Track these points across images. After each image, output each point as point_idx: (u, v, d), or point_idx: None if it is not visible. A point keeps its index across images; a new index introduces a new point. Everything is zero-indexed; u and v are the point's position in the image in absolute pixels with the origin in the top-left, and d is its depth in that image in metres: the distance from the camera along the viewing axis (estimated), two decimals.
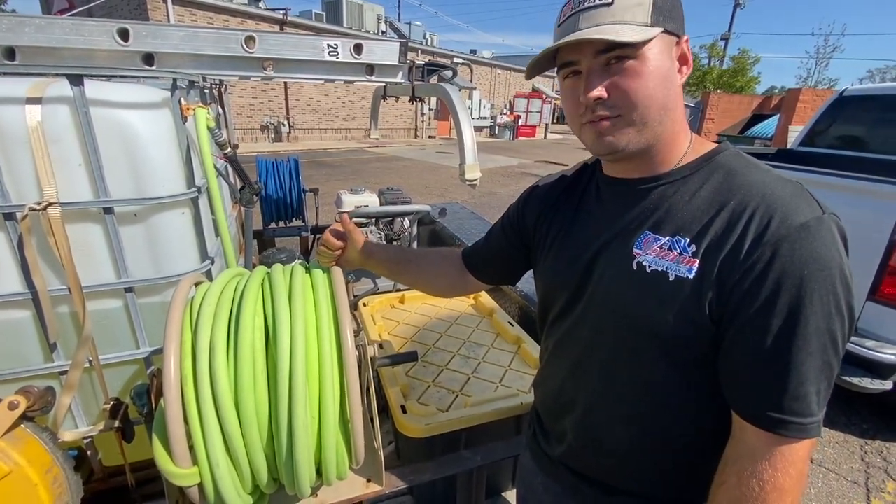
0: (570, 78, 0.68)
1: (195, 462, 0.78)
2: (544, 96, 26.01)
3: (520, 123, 23.98)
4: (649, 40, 0.61)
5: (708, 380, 0.65)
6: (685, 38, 0.66)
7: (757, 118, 14.95)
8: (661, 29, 0.62)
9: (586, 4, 0.63)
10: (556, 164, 14.30)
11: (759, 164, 0.66)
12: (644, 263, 0.66)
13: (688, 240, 0.63)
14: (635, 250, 0.68)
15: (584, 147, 0.74)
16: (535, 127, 25.08)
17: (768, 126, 13.14)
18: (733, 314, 0.59)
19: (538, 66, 0.70)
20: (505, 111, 25.88)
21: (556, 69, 0.71)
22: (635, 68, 0.62)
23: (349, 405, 0.84)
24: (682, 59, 0.67)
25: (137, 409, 1.01)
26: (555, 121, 33.11)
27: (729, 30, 24.32)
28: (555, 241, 0.83)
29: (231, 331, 0.82)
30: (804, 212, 0.57)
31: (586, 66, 0.64)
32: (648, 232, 0.67)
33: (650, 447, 0.72)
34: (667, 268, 0.63)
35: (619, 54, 0.62)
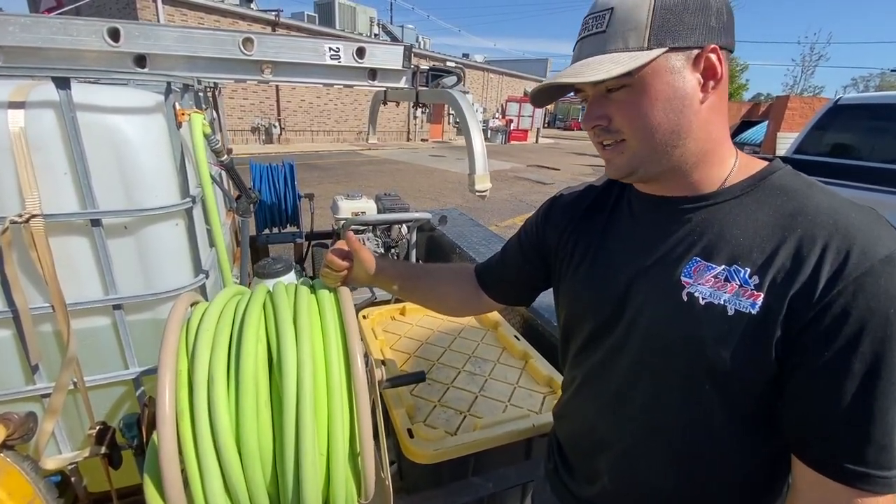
0: (585, 102, 0.66)
1: None
2: None
3: (512, 127, 24.04)
4: (644, 65, 0.56)
5: (764, 418, 0.60)
6: (710, 46, 0.57)
7: (745, 125, 15.15)
8: (664, 49, 0.56)
9: (586, 33, 0.61)
10: (548, 168, 14.34)
11: (820, 186, 0.60)
12: (696, 295, 0.60)
13: (748, 270, 0.57)
14: (684, 279, 0.61)
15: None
16: (526, 131, 25.16)
17: (757, 133, 13.31)
18: (807, 355, 0.53)
19: (548, 95, 0.68)
20: (497, 115, 25.94)
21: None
22: (633, 97, 0.59)
23: (360, 438, 0.78)
24: (709, 72, 0.58)
25: (127, 442, 0.93)
26: (546, 125, 33.28)
27: None
28: (582, 260, 0.76)
29: (231, 358, 0.75)
30: (886, 242, 0.51)
31: (590, 94, 0.64)
32: (698, 259, 0.61)
33: (698, 489, 0.67)
34: (725, 301, 0.57)
35: (613, 85, 0.59)
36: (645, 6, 0.56)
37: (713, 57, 0.57)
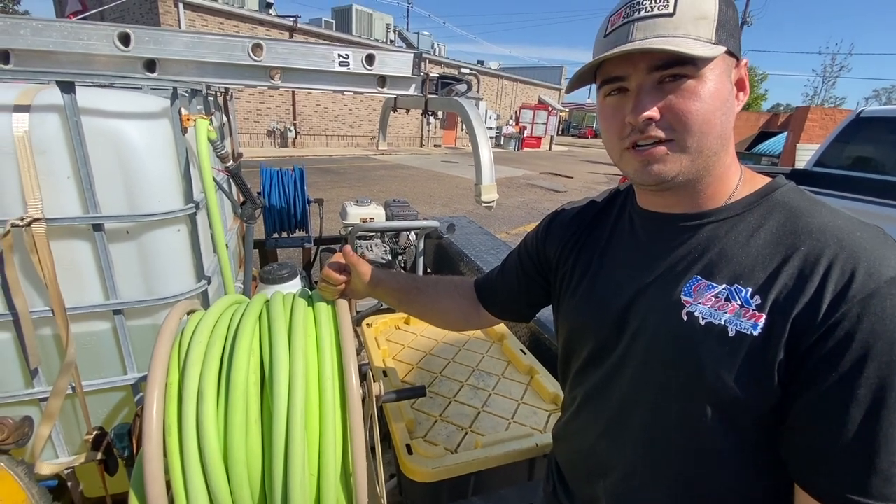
0: (614, 96, 0.59)
1: None
2: (550, 108, 26.08)
3: (525, 135, 24.02)
4: (713, 59, 0.54)
5: (767, 442, 0.57)
6: (744, 61, 0.58)
7: (764, 135, 14.92)
8: (725, 48, 0.54)
9: (642, 13, 0.55)
10: (561, 175, 14.26)
11: (825, 203, 0.58)
12: (696, 314, 0.57)
13: (750, 290, 0.54)
14: (684, 297, 0.59)
15: (624, 175, 0.66)
16: (540, 138, 25.12)
17: (776, 143, 13.09)
18: (809, 380, 0.50)
19: (581, 79, 0.62)
20: (511, 122, 25.93)
21: (596, 85, 0.63)
22: (694, 89, 0.54)
23: (352, 459, 0.75)
24: (740, 84, 0.59)
25: (118, 453, 0.92)
26: (560, 132, 33.18)
27: None
28: (582, 277, 0.74)
29: (223, 372, 0.73)
30: (893, 263, 0.49)
31: (637, 83, 0.57)
32: (699, 277, 0.59)
33: None
34: (725, 321, 0.55)
35: (677, 72, 0.54)
36: None
37: (743, 71, 0.58)
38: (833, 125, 4.30)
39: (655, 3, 0.54)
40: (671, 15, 0.53)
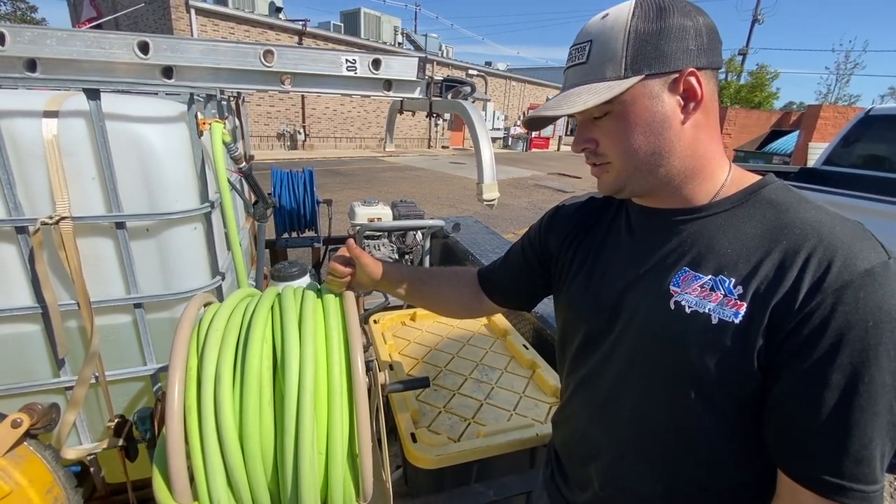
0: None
1: (196, 497, 0.74)
2: None
3: (533, 135, 23.98)
4: (620, 94, 0.58)
5: (752, 426, 0.60)
6: (688, 70, 0.58)
7: (775, 134, 14.75)
8: (641, 76, 0.58)
9: (570, 63, 0.65)
10: (569, 176, 14.23)
11: (810, 200, 0.61)
12: (683, 303, 0.61)
13: (733, 280, 0.58)
14: (672, 288, 0.63)
15: None
16: (548, 139, 25.08)
17: (787, 142, 12.94)
18: (785, 365, 0.54)
19: (540, 121, 0.71)
20: (518, 123, 25.92)
21: None
22: (614, 123, 0.62)
23: (358, 440, 0.80)
24: (688, 94, 0.59)
25: (139, 435, 0.98)
26: (568, 133, 33.09)
27: (747, 45, 24.01)
28: (580, 269, 0.78)
29: (238, 358, 0.79)
30: (868, 256, 0.52)
31: (579, 120, 0.67)
32: (687, 269, 0.63)
33: (687, 498, 0.67)
34: (709, 310, 0.58)
35: (598, 112, 0.62)
36: (620, 37, 0.58)
37: (692, 80, 0.59)
38: (846, 123, 4.27)
39: (578, 53, 0.63)
40: (585, 63, 0.62)
